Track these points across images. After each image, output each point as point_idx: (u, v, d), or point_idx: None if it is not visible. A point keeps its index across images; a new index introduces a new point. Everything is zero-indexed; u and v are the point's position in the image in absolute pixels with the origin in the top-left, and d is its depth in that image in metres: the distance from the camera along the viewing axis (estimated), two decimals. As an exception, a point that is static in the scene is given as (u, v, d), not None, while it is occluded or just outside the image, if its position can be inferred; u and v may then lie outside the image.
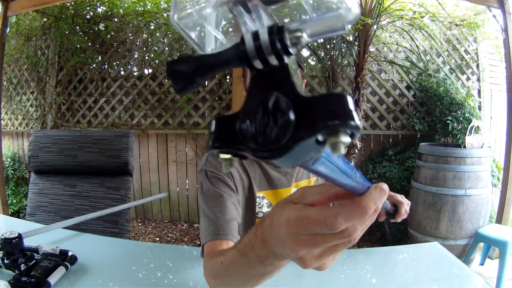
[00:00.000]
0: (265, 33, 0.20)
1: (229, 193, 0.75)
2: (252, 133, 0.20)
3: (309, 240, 0.28)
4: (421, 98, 2.88)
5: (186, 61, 0.24)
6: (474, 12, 2.97)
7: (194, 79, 0.23)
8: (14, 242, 0.62)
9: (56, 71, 3.46)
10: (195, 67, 0.23)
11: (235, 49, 0.22)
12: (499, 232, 2.05)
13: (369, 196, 0.27)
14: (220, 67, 0.23)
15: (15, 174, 3.53)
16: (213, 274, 0.54)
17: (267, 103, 0.20)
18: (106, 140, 1.34)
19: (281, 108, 0.20)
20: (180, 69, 0.23)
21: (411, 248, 0.90)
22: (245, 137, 0.21)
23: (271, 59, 0.20)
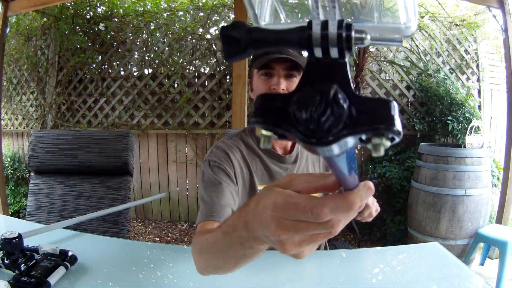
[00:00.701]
0: (335, 26, 0.21)
1: (228, 182, 0.78)
2: (307, 118, 0.20)
3: (292, 226, 0.29)
4: (421, 98, 2.88)
5: (242, 28, 0.24)
6: (474, 12, 2.97)
7: (246, 49, 0.24)
8: (14, 242, 0.62)
9: (56, 71, 3.46)
10: (251, 37, 0.23)
11: (298, 31, 0.22)
12: (499, 232, 2.05)
13: (357, 193, 0.28)
14: (277, 44, 0.23)
15: (15, 174, 3.53)
16: (198, 250, 0.56)
17: (328, 93, 0.20)
18: (106, 140, 1.34)
19: (339, 101, 0.20)
20: (235, 35, 0.24)
21: (411, 248, 0.90)
22: (297, 120, 0.21)
23: (333, 51, 0.21)
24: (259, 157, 0.88)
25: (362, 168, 2.96)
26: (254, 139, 0.90)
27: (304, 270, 0.72)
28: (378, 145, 0.21)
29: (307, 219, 0.28)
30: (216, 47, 3.09)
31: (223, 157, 0.83)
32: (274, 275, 0.69)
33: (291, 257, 0.32)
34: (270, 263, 0.76)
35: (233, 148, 0.86)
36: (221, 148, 0.85)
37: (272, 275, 0.69)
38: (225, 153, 0.84)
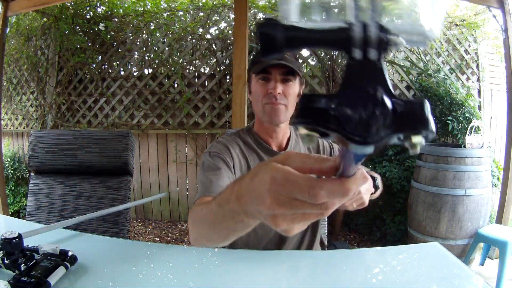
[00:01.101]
0: (376, 28, 0.22)
1: (226, 170, 0.83)
2: (356, 119, 0.21)
3: (287, 202, 0.30)
4: (421, 98, 2.87)
5: (280, 27, 0.24)
6: (474, 12, 2.97)
7: (283, 48, 0.24)
8: (14, 242, 0.62)
9: (56, 71, 3.46)
10: (288, 36, 0.24)
11: (339, 32, 0.23)
12: (499, 232, 2.05)
13: (354, 180, 0.29)
14: (315, 44, 0.24)
15: (15, 174, 3.53)
16: (193, 220, 0.58)
17: (376, 95, 0.21)
18: (106, 140, 1.34)
19: (386, 103, 0.21)
20: (273, 33, 0.24)
21: (411, 248, 0.90)
22: (345, 121, 0.22)
23: (372, 53, 0.22)
24: (256, 152, 0.94)
25: (362, 168, 2.95)
26: (251, 137, 0.96)
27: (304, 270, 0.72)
28: (416, 144, 0.22)
29: (303, 198, 0.28)
30: (216, 47, 3.09)
31: (223, 149, 0.88)
32: (273, 275, 0.69)
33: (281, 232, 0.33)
34: (269, 263, 0.76)
35: (233, 143, 0.91)
36: (222, 142, 0.91)
37: (272, 275, 0.69)
38: (225, 146, 0.89)
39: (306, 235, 0.98)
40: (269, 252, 0.89)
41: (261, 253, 0.86)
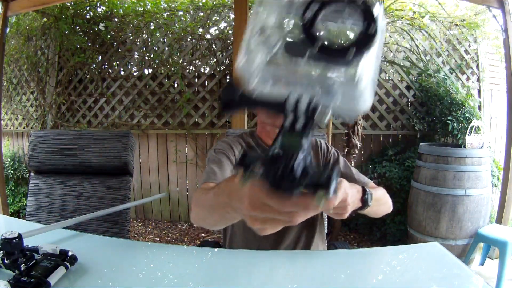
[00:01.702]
0: (306, 102, 0.28)
1: (228, 163, 0.90)
2: (270, 173, 0.28)
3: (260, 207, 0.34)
4: (421, 98, 2.88)
5: (237, 92, 0.32)
6: (474, 12, 2.97)
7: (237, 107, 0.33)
8: (14, 242, 0.62)
9: (56, 71, 3.46)
10: (241, 98, 0.32)
11: (277, 99, 0.29)
12: (499, 232, 2.05)
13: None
14: (263, 105, 0.31)
15: (15, 174, 3.53)
16: (195, 202, 0.67)
17: (290, 160, 0.28)
18: (106, 140, 1.34)
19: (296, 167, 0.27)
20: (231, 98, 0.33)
21: (411, 248, 0.90)
22: (267, 172, 0.29)
23: (299, 123, 0.28)
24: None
25: (362, 168, 2.96)
26: (254, 140, 1.01)
27: (304, 270, 0.72)
28: (320, 197, 0.29)
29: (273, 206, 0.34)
30: (216, 47, 3.09)
31: (227, 147, 0.96)
32: (273, 275, 0.69)
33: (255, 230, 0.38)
34: (269, 263, 0.76)
35: (236, 143, 0.99)
36: (226, 141, 0.99)
37: (272, 275, 0.69)
38: (229, 145, 0.97)
39: (302, 236, 0.98)
40: (269, 252, 0.89)
41: (261, 253, 0.86)
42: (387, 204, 0.90)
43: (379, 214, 0.89)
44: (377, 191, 0.85)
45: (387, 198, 0.90)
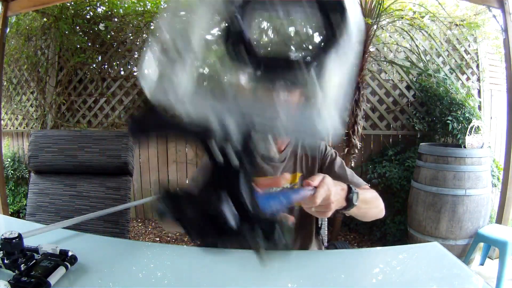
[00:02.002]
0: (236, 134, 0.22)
1: None
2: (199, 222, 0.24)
3: None
4: (421, 98, 2.88)
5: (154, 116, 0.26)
6: (474, 12, 2.97)
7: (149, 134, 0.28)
8: (14, 242, 0.62)
9: (56, 71, 3.46)
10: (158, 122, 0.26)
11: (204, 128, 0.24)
12: (499, 232, 2.05)
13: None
14: (180, 130, 0.26)
15: (15, 174, 3.53)
16: None
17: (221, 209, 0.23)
18: (106, 140, 1.34)
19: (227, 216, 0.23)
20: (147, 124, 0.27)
21: (411, 248, 0.90)
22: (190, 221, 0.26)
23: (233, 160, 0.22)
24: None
25: (362, 168, 2.95)
26: None
27: (304, 270, 0.72)
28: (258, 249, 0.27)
29: None
30: (216, 47, 3.09)
31: None
32: (273, 275, 0.69)
33: None
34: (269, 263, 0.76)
35: None
36: None
37: (272, 275, 0.69)
38: None
39: (298, 237, 0.98)
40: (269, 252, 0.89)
41: (261, 253, 0.86)
42: (378, 208, 0.86)
43: (368, 218, 0.86)
44: (367, 193, 0.83)
45: (379, 202, 0.87)
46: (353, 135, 2.51)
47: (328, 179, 0.64)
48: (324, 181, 0.63)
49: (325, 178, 0.64)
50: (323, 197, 0.61)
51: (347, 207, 0.71)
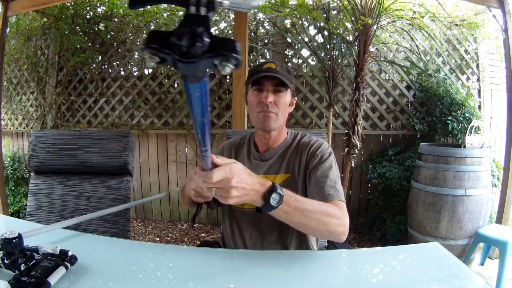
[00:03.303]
0: None
1: None
2: (181, 45, 0.29)
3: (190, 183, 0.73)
4: (421, 98, 2.88)
5: None
6: (474, 12, 2.97)
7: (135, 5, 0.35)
8: (14, 242, 0.62)
9: (56, 71, 3.46)
10: None
11: None
12: (499, 232, 2.05)
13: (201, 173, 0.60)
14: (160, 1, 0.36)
15: (15, 174, 3.53)
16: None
17: (195, 31, 0.30)
18: (106, 140, 1.34)
19: (203, 36, 0.30)
20: None
21: (411, 248, 0.90)
22: (175, 46, 0.29)
23: (203, 10, 0.31)
24: (248, 152, 1.08)
25: (362, 168, 2.96)
26: (247, 141, 1.10)
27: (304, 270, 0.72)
28: (224, 66, 0.31)
29: None
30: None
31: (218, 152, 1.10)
32: (273, 275, 0.69)
33: None
34: (270, 263, 0.76)
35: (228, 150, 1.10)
36: (221, 146, 1.15)
37: (272, 275, 0.69)
38: (221, 150, 1.12)
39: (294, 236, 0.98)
40: (269, 252, 0.89)
41: (261, 253, 0.86)
42: (324, 226, 0.74)
43: (309, 230, 0.79)
44: (313, 203, 0.74)
45: (334, 220, 0.75)
46: (353, 135, 2.51)
47: (237, 165, 0.62)
48: (230, 165, 0.60)
49: (233, 163, 0.61)
50: (221, 178, 0.58)
51: (265, 206, 0.66)
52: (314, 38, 2.95)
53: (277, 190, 0.66)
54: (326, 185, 0.87)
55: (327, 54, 2.67)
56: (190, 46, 0.29)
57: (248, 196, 0.64)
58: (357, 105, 2.47)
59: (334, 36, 2.64)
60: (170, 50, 0.30)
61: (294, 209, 0.69)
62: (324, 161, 0.94)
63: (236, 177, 0.60)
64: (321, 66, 2.79)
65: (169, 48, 0.30)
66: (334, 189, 0.87)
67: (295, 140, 1.05)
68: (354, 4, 2.44)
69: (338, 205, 0.83)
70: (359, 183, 3.03)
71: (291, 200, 0.69)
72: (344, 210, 0.82)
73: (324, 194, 0.86)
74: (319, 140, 1.01)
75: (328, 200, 0.83)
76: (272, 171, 1.01)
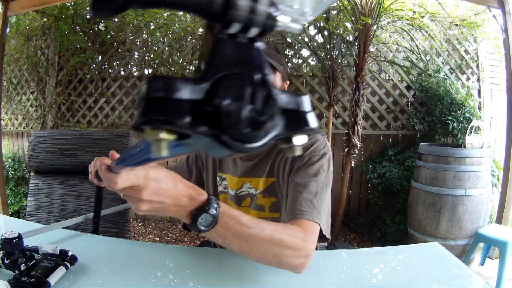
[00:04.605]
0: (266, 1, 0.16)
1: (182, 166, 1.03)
2: (239, 113, 0.16)
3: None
4: (421, 98, 2.88)
5: None
6: (474, 12, 2.97)
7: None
8: (14, 242, 0.62)
9: (56, 71, 3.46)
10: None
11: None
12: (499, 232, 2.05)
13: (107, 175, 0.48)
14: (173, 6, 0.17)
15: (15, 174, 3.53)
16: None
17: (267, 85, 0.16)
18: (106, 140, 1.34)
19: (275, 96, 0.17)
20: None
21: (411, 248, 0.90)
22: (224, 116, 0.16)
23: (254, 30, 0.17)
24: None
25: (362, 168, 2.95)
26: None
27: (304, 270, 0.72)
28: (294, 147, 0.19)
29: None
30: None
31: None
32: (273, 275, 0.69)
33: None
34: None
35: None
36: None
37: (272, 275, 0.69)
38: None
39: None
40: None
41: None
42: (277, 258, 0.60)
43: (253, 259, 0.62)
44: (265, 228, 0.58)
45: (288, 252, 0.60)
46: (353, 135, 2.51)
47: (156, 170, 0.48)
48: (146, 169, 0.47)
49: (152, 168, 0.48)
50: (129, 185, 0.46)
51: (192, 226, 0.52)
52: (314, 38, 2.95)
53: (209, 210, 0.51)
54: (301, 197, 0.70)
55: (327, 54, 2.67)
56: (258, 124, 0.16)
57: (167, 211, 0.50)
58: (357, 105, 2.47)
59: (334, 36, 2.64)
60: (208, 123, 0.16)
61: (234, 234, 0.55)
62: (309, 165, 0.76)
63: (149, 187, 0.47)
64: (321, 66, 2.79)
65: (208, 119, 0.16)
66: (310, 204, 0.69)
67: None
68: (354, 4, 2.44)
69: (306, 227, 0.65)
70: (359, 183, 3.03)
71: (231, 223, 0.54)
72: (312, 235, 0.65)
73: (294, 209, 0.69)
74: (314, 138, 0.82)
75: (296, 218, 0.67)
76: (256, 173, 0.87)
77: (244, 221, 0.56)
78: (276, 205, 0.87)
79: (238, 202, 0.92)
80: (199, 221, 0.51)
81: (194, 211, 0.51)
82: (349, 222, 2.99)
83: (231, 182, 0.93)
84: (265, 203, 0.88)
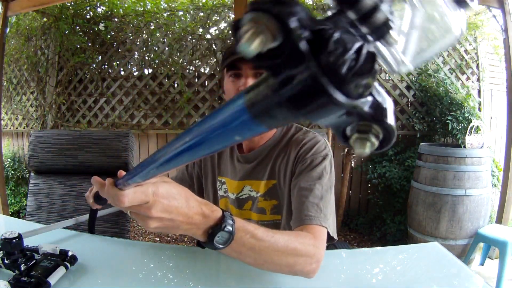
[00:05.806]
0: None
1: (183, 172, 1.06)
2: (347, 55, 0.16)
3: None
4: (421, 98, 2.88)
5: None
6: (474, 12, 2.97)
7: None
8: (14, 242, 0.62)
9: (56, 71, 3.46)
10: None
11: None
12: (499, 232, 2.05)
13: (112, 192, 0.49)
14: None
15: (15, 174, 3.53)
16: None
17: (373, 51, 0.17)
18: (106, 140, 1.34)
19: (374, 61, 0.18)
20: None
21: (411, 248, 0.90)
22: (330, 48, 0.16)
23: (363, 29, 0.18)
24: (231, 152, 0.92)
25: (362, 168, 2.96)
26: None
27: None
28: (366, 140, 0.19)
29: None
30: (216, 47, 3.09)
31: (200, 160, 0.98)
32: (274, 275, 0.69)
33: None
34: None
35: None
36: None
37: (272, 275, 0.69)
38: None
39: None
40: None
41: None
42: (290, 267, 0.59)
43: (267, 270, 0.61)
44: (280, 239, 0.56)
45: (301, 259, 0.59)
46: (353, 135, 2.51)
47: (166, 186, 0.46)
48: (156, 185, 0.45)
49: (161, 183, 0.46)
50: (137, 203, 0.44)
51: (208, 244, 0.50)
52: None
53: (225, 228, 0.49)
54: (307, 202, 0.69)
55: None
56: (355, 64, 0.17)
57: (179, 229, 0.48)
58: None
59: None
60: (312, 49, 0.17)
61: (250, 249, 0.53)
62: (313, 168, 0.75)
63: (159, 204, 0.44)
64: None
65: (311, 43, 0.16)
66: (317, 208, 0.69)
67: (286, 136, 0.85)
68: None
69: (315, 232, 0.65)
70: (359, 183, 3.03)
71: (246, 238, 0.52)
72: (321, 240, 0.65)
73: (301, 214, 0.69)
74: (315, 139, 0.80)
75: (304, 224, 0.67)
76: (256, 176, 0.85)
77: (259, 235, 0.54)
78: (277, 208, 0.86)
79: (239, 206, 0.90)
80: (215, 239, 0.49)
81: (210, 229, 0.49)
82: (349, 222, 2.99)
83: (231, 186, 0.91)
84: (266, 206, 0.86)
